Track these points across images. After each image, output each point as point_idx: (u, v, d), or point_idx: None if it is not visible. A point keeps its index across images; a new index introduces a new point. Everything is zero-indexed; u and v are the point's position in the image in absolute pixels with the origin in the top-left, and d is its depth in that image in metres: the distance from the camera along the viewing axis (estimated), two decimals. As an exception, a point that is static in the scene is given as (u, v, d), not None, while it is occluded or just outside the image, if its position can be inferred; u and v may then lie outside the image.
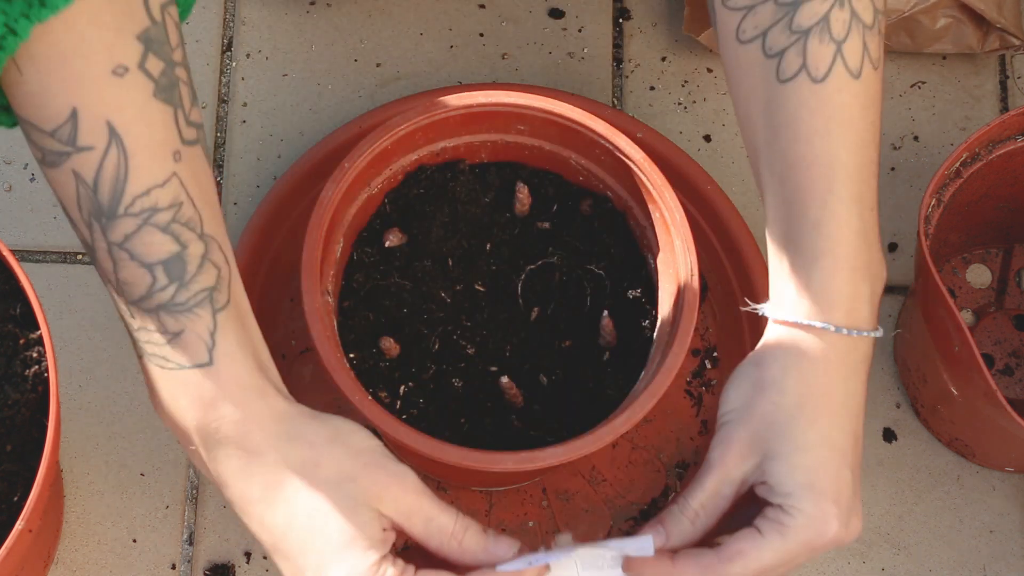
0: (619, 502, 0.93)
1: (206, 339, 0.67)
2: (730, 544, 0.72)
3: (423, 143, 0.84)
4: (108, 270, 0.66)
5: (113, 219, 0.65)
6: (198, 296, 0.67)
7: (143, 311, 0.67)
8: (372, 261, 0.84)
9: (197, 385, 0.67)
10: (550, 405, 0.82)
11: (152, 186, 0.65)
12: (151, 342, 0.68)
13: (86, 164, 0.64)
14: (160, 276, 0.66)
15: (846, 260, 0.72)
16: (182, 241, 0.66)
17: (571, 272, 0.85)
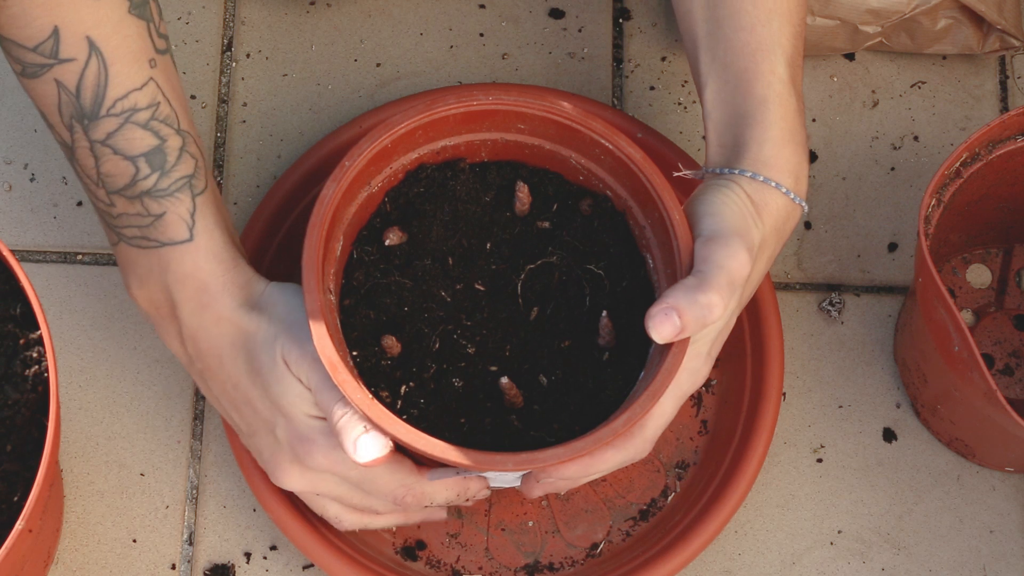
0: (618, 502, 0.93)
1: (187, 219, 0.76)
2: None
3: (423, 142, 0.84)
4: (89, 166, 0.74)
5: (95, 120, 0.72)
6: (179, 182, 0.75)
7: (126, 198, 0.75)
8: (372, 260, 0.84)
9: (179, 259, 0.76)
10: (550, 405, 0.82)
11: (131, 89, 0.73)
12: (132, 225, 0.76)
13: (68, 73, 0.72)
14: (143, 166, 0.74)
15: (791, 134, 0.80)
16: (161, 136, 0.74)
17: (571, 272, 0.85)
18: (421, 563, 0.91)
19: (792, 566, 0.94)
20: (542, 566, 0.92)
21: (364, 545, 0.91)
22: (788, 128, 0.80)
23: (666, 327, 0.74)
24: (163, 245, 0.76)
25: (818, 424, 0.97)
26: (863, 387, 0.98)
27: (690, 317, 0.74)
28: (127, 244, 0.77)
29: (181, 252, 0.76)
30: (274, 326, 0.78)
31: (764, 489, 0.96)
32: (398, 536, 0.92)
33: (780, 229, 0.80)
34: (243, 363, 0.79)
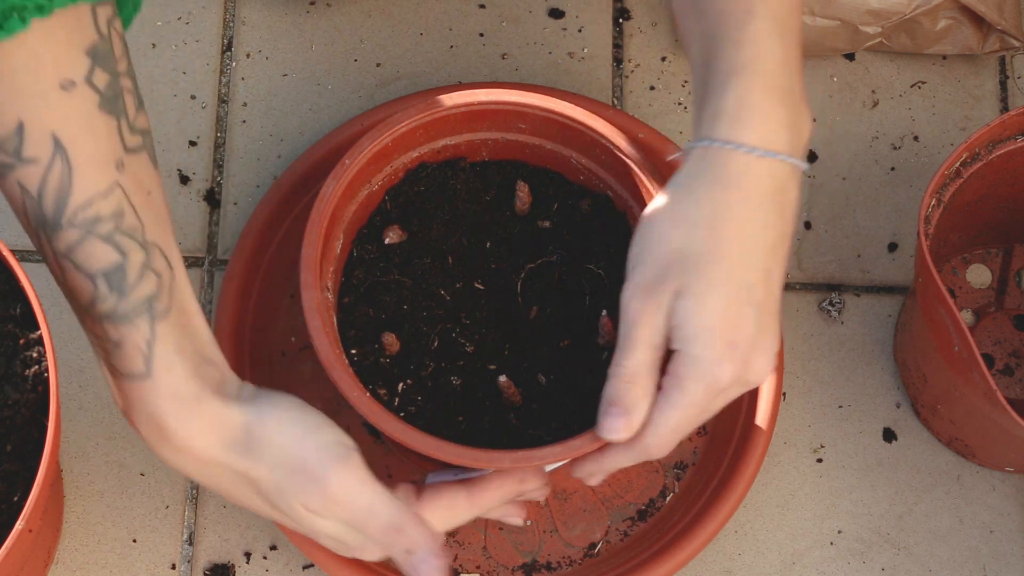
0: (617, 502, 0.93)
1: (143, 349, 0.68)
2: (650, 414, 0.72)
3: (424, 140, 0.84)
4: (58, 276, 0.68)
5: (57, 230, 0.65)
6: (138, 307, 0.67)
7: (91, 318, 0.68)
8: (372, 258, 0.85)
9: (138, 397, 0.69)
10: (548, 404, 0.82)
11: (94, 197, 0.65)
12: (100, 348, 0.69)
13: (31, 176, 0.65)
14: (102, 286, 0.67)
15: (763, 78, 0.71)
16: (123, 250, 0.67)
17: (570, 271, 0.85)
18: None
19: (792, 566, 0.94)
20: (540, 565, 0.92)
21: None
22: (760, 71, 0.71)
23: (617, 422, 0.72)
24: (123, 376, 0.69)
25: (818, 424, 0.97)
26: (863, 387, 0.98)
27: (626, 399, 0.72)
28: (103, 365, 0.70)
29: (140, 389, 0.69)
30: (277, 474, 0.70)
31: (764, 489, 0.96)
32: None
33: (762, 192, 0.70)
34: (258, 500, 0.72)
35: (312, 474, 0.70)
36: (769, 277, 0.71)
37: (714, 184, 0.70)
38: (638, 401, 0.72)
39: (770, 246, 0.71)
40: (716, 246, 0.70)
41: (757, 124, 0.70)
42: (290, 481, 0.70)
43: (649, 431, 0.72)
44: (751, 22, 0.71)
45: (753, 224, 0.70)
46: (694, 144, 0.72)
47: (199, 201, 1.00)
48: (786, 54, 0.72)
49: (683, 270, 0.70)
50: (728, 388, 0.71)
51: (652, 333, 0.71)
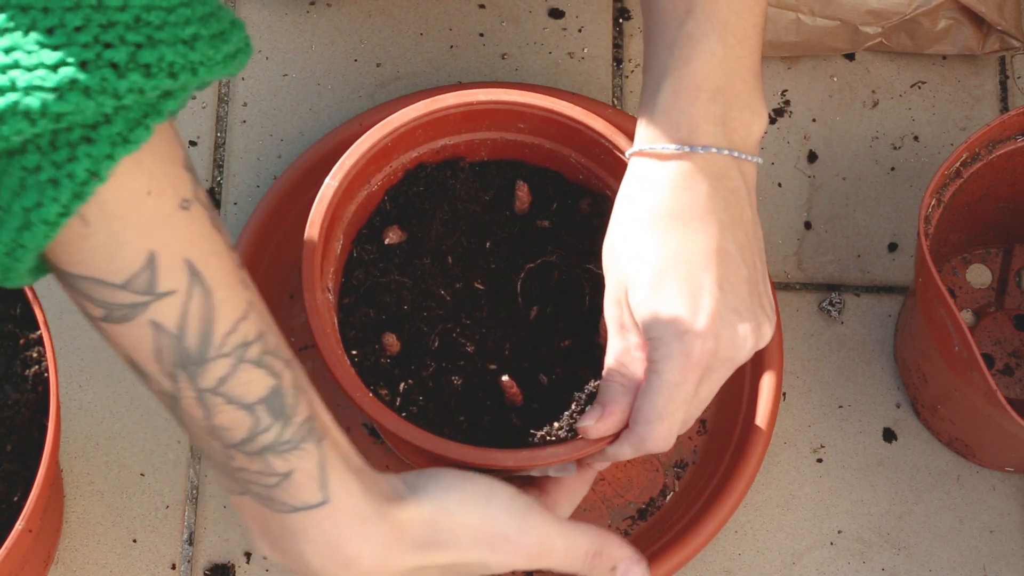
0: (617, 501, 0.93)
1: (317, 475, 0.64)
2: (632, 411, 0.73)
3: (423, 140, 0.84)
4: (198, 417, 0.61)
5: (204, 364, 0.60)
6: (302, 430, 0.63)
7: (245, 454, 0.62)
8: (372, 258, 0.85)
9: (316, 528, 0.64)
10: (549, 404, 0.82)
11: (238, 320, 0.60)
12: (256, 483, 0.63)
13: (168, 310, 0.58)
14: (263, 416, 0.62)
15: (692, 79, 0.71)
16: (275, 372, 0.62)
17: (570, 271, 0.85)
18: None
19: (792, 566, 0.94)
20: (542, 566, 0.92)
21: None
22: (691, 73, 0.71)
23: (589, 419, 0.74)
24: (296, 510, 0.64)
25: (818, 424, 0.97)
26: (863, 387, 0.98)
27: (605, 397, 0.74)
28: (253, 500, 0.64)
29: (318, 518, 0.64)
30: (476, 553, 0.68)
31: (764, 489, 0.96)
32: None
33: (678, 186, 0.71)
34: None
35: (510, 539, 0.68)
36: (726, 257, 0.72)
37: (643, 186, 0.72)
38: (616, 397, 0.73)
39: (718, 229, 0.72)
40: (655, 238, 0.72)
41: (682, 123, 0.72)
42: (492, 553, 0.68)
43: (639, 420, 0.73)
44: (687, 23, 0.72)
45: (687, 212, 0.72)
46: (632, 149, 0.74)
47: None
48: (726, 53, 0.72)
49: (629, 267, 0.73)
50: (712, 367, 0.72)
51: (619, 330, 0.73)
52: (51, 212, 0.54)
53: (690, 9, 0.72)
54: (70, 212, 0.54)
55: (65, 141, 0.53)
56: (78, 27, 0.52)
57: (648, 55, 0.74)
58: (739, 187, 0.73)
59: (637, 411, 0.73)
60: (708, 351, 0.71)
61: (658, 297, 0.71)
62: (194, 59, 0.55)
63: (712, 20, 0.72)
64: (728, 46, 0.72)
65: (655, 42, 0.73)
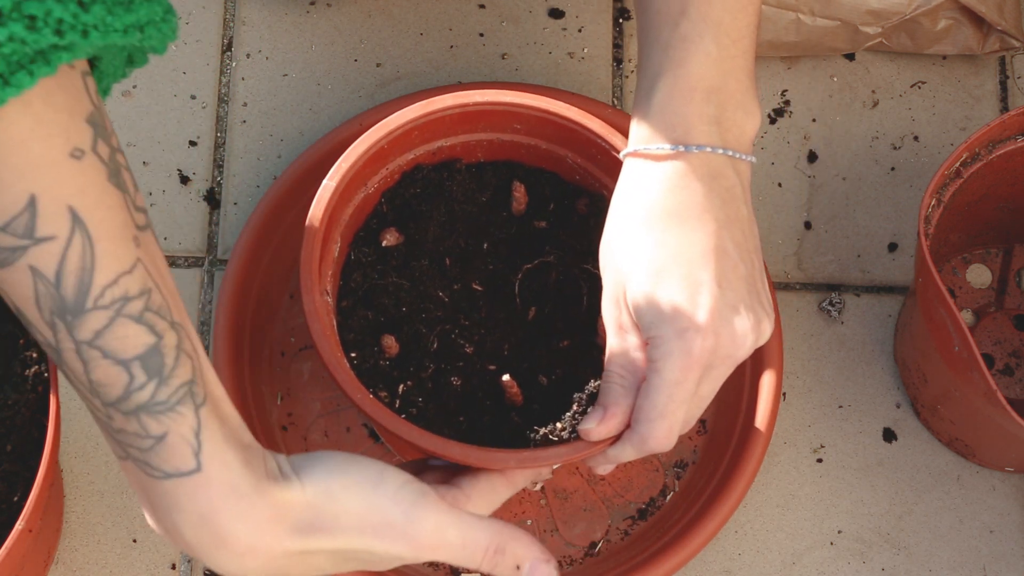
0: (617, 501, 0.93)
1: (191, 441, 0.62)
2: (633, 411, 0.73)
3: (420, 142, 0.84)
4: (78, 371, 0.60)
5: (80, 314, 0.58)
6: (179, 392, 0.61)
7: (122, 413, 0.61)
8: (369, 261, 0.85)
9: (189, 497, 0.62)
10: (549, 404, 0.82)
11: (120, 273, 0.59)
12: (133, 446, 0.62)
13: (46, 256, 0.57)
14: (138, 373, 0.60)
15: (687, 80, 0.72)
16: (157, 331, 0.60)
17: (568, 271, 0.85)
18: (420, 561, 0.91)
19: (792, 566, 0.94)
20: (541, 565, 0.92)
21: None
22: (685, 74, 0.72)
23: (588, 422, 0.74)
24: (168, 476, 0.62)
25: (818, 424, 0.97)
26: (863, 387, 0.98)
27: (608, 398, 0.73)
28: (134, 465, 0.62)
29: (191, 487, 0.62)
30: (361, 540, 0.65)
31: (764, 489, 0.96)
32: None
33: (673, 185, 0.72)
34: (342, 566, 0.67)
35: (396, 528, 0.65)
36: (723, 255, 0.72)
37: (637, 186, 0.72)
38: (617, 399, 0.73)
39: (715, 227, 0.72)
40: (651, 237, 0.72)
41: (676, 124, 0.72)
42: (377, 541, 0.65)
43: (640, 419, 0.73)
44: (681, 24, 0.72)
45: (681, 210, 0.72)
46: (627, 150, 0.74)
47: (199, 201, 1.00)
48: (720, 53, 0.72)
49: (624, 266, 0.73)
50: (712, 365, 0.72)
51: (618, 330, 0.73)
52: None
53: (684, 10, 0.72)
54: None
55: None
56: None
57: (642, 56, 0.75)
58: (734, 186, 0.74)
59: (638, 410, 0.73)
60: (708, 349, 0.71)
61: (657, 296, 0.71)
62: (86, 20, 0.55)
63: (706, 21, 0.72)
64: (722, 46, 0.73)
65: (649, 43, 0.74)
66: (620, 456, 0.76)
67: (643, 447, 0.74)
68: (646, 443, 0.73)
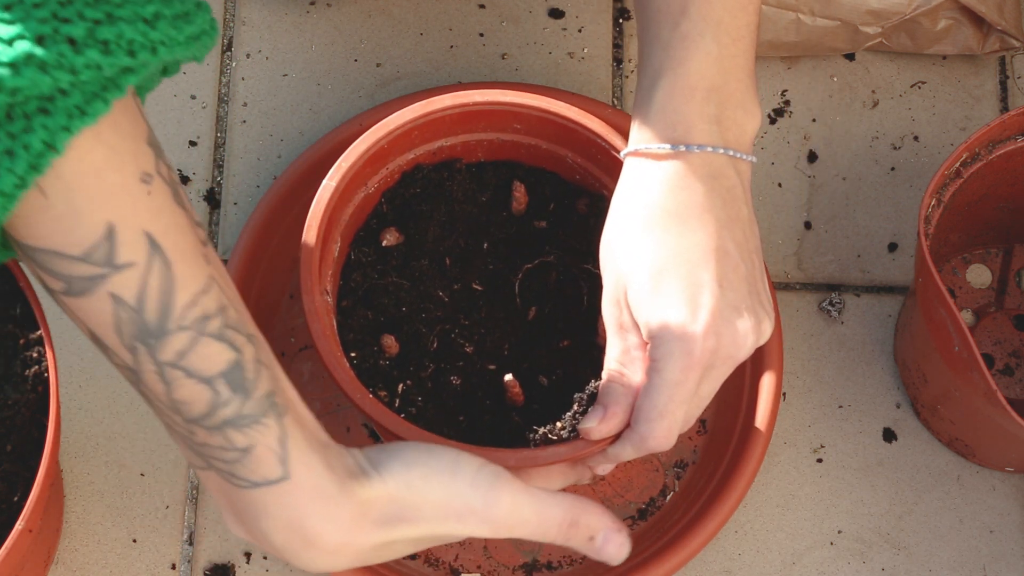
0: (617, 501, 0.93)
1: (277, 450, 0.63)
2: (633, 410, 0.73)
3: (419, 142, 0.84)
4: (159, 392, 0.61)
5: (163, 337, 0.59)
6: (262, 404, 0.62)
7: (205, 429, 0.62)
8: (369, 261, 0.85)
9: (277, 505, 0.63)
10: (550, 404, 0.82)
11: (198, 293, 0.60)
12: (217, 458, 0.63)
13: (127, 283, 0.58)
14: (222, 389, 0.61)
15: (687, 79, 0.72)
16: (236, 346, 0.62)
17: (568, 271, 0.85)
18: (419, 561, 0.91)
19: (792, 566, 0.94)
20: (540, 565, 0.92)
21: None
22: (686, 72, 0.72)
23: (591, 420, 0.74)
24: (256, 486, 0.63)
25: (818, 424, 0.97)
26: (863, 387, 0.98)
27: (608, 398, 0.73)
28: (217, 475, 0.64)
29: (278, 494, 0.63)
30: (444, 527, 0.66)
31: (764, 489, 0.96)
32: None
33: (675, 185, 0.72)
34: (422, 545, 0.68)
35: (477, 512, 0.66)
36: (725, 255, 0.72)
37: (639, 185, 0.73)
38: (618, 398, 0.73)
39: (716, 227, 0.72)
40: (653, 237, 0.72)
41: (677, 123, 0.72)
42: (460, 526, 0.67)
43: (640, 419, 0.73)
44: (681, 23, 0.72)
45: (683, 211, 0.72)
46: (627, 150, 0.74)
47: (199, 201, 1.00)
48: (720, 52, 0.73)
49: (627, 266, 0.72)
50: (713, 365, 0.72)
51: (618, 330, 0.73)
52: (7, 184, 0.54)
53: (684, 9, 0.72)
54: (26, 184, 0.54)
55: (21, 113, 0.54)
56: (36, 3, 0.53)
57: (643, 55, 0.75)
58: (735, 185, 0.74)
59: (638, 410, 0.73)
60: (709, 349, 0.71)
61: (658, 296, 0.71)
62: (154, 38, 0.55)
63: (707, 20, 0.72)
64: (723, 45, 0.73)
65: (649, 41, 0.74)
66: (620, 455, 0.76)
67: (643, 446, 0.74)
68: (646, 442, 0.73)
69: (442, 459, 0.67)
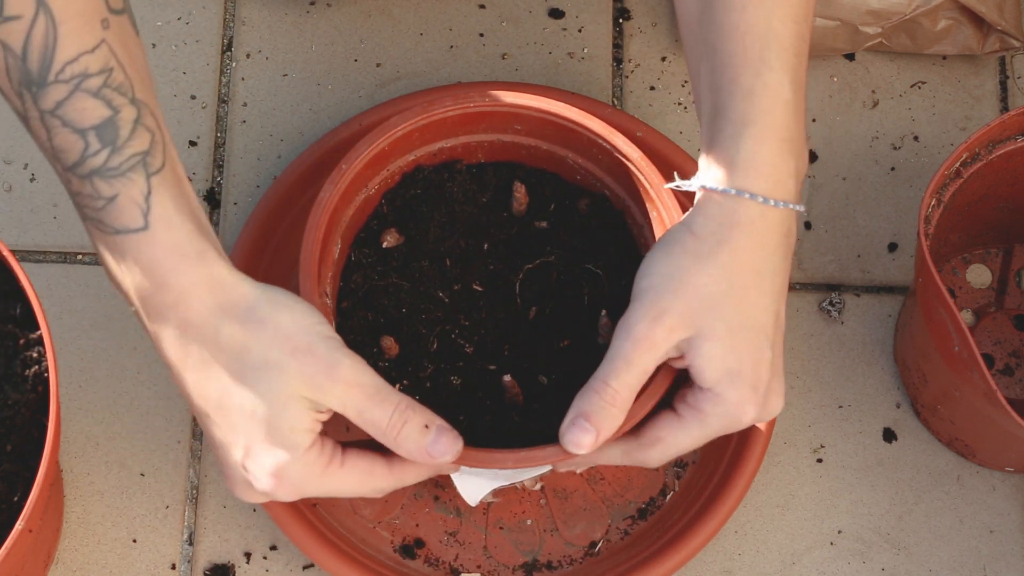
0: (617, 500, 0.93)
1: (140, 203, 0.67)
2: (650, 431, 0.75)
3: (420, 144, 0.84)
4: (43, 138, 0.67)
5: (43, 87, 0.65)
6: (131, 160, 0.67)
7: (77, 176, 0.67)
8: (370, 262, 0.85)
9: (134, 251, 0.68)
10: (550, 404, 0.82)
11: (81, 52, 0.65)
12: (88, 207, 0.68)
13: (13, 33, 0.65)
14: (92, 141, 0.66)
15: (775, 131, 0.72)
16: (114, 106, 0.67)
17: (569, 271, 0.85)
18: (419, 561, 0.91)
19: (792, 566, 0.94)
20: (540, 565, 0.92)
21: (363, 544, 0.91)
22: (772, 124, 0.72)
23: (585, 438, 0.73)
24: (117, 232, 0.68)
25: (818, 424, 0.97)
26: (863, 387, 0.98)
27: (601, 419, 0.73)
28: (90, 225, 0.69)
29: (136, 242, 0.68)
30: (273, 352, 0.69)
31: (764, 489, 0.96)
32: (396, 535, 0.92)
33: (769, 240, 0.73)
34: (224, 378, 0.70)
35: (321, 358, 0.69)
36: (778, 319, 0.74)
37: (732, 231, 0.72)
38: (613, 424, 0.73)
39: (778, 290, 0.73)
40: (734, 291, 0.72)
41: (768, 175, 0.72)
42: (291, 360, 0.69)
43: (658, 449, 0.75)
44: (763, 72, 0.72)
45: (765, 270, 0.73)
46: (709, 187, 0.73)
47: (199, 201, 1.00)
48: (795, 99, 0.73)
49: (703, 310, 0.72)
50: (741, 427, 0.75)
51: (652, 360, 0.73)
52: None
53: (763, 57, 0.73)
54: None
55: None
56: None
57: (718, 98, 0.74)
58: (795, 242, 0.75)
59: (658, 440, 0.75)
60: (755, 417, 0.74)
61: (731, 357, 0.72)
62: None
63: (785, 69, 0.73)
64: (796, 93, 0.73)
65: (725, 86, 0.73)
66: (608, 460, 0.77)
67: (640, 463, 0.76)
68: (647, 463, 0.76)
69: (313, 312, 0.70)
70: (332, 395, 0.69)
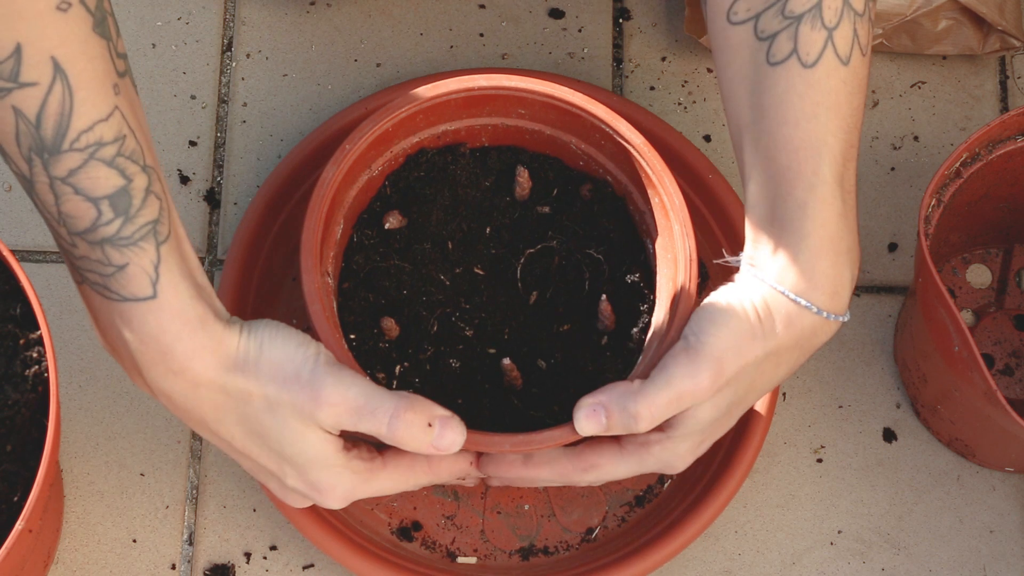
0: (614, 488, 0.93)
1: (150, 272, 0.68)
2: (589, 456, 0.77)
3: (424, 126, 0.85)
4: (49, 203, 0.67)
5: (56, 154, 0.65)
6: (143, 229, 0.68)
7: (87, 243, 0.67)
8: (372, 243, 0.85)
9: (140, 319, 0.69)
10: (548, 388, 0.82)
11: (96, 120, 0.65)
12: (94, 271, 0.68)
13: (28, 99, 0.64)
14: (106, 210, 0.67)
15: (831, 243, 0.74)
16: (127, 175, 0.67)
17: (570, 256, 0.86)
18: (416, 544, 0.91)
19: (792, 566, 0.94)
20: (537, 550, 0.92)
21: (361, 526, 0.91)
22: (828, 236, 0.74)
23: (591, 423, 0.74)
24: (125, 300, 0.69)
25: (818, 424, 0.97)
26: (863, 387, 0.98)
27: (616, 420, 0.74)
28: (90, 288, 0.70)
29: (143, 310, 0.69)
30: (269, 387, 0.71)
31: (764, 489, 0.96)
32: (394, 517, 0.92)
33: (804, 344, 0.76)
34: (237, 428, 0.73)
35: (305, 384, 0.71)
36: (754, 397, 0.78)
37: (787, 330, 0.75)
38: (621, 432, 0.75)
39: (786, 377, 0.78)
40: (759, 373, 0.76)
41: (825, 287, 0.74)
42: (284, 391, 0.71)
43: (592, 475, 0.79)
44: (817, 186, 0.74)
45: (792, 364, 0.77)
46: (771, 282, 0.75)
47: (199, 201, 1.00)
48: (845, 208, 0.75)
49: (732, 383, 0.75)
50: None
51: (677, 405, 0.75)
52: None
53: (817, 171, 0.74)
54: None
55: None
56: None
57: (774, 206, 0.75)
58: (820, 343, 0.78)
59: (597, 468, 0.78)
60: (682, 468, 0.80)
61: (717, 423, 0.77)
62: None
63: (837, 181, 0.74)
64: (846, 203, 0.75)
65: (780, 197, 0.75)
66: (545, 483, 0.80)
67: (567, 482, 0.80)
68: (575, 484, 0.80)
69: (294, 335, 0.73)
70: (323, 418, 0.72)
